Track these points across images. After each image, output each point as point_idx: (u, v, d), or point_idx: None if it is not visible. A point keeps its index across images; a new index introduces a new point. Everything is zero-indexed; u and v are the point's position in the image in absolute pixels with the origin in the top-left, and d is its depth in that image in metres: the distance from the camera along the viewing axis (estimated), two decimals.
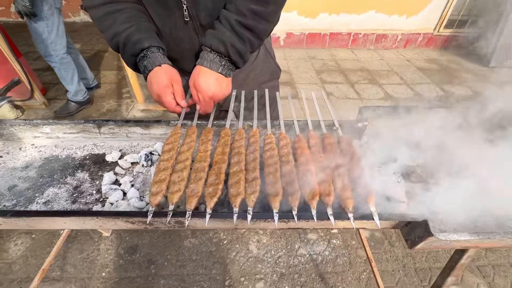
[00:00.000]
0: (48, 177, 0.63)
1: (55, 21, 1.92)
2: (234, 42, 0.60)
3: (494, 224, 0.49)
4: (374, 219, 0.45)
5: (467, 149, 0.62)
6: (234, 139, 0.61)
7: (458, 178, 0.58)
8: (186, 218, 0.45)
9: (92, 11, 0.63)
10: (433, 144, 0.63)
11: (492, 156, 0.60)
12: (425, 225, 0.45)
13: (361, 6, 3.40)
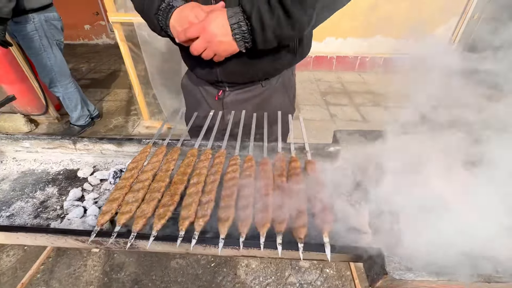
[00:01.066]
0: (19, 191, 0.64)
1: (56, 53, 1.96)
2: (262, 8, 0.56)
3: (468, 263, 0.45)
4: (325, 251, 0.42)
5: (443, 179, 0.58)
6: (200, 159, 0.61)
7: (432, 211, 0.54)
8: (129, 239, 0.44)
9: None
10: (406, 171, 0.60)
11: (470, 189, 0.56)
12: (381, 261, 0.41)
13: (368, 30, 3.44)
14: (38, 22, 1.77)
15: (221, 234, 0.45)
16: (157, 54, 2.03)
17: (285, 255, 0.44)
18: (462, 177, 0.55)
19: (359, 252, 0.43)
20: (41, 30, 1.80)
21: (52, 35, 1.88)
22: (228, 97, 0.84)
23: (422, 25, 2.66)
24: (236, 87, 0.82)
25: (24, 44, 1.85)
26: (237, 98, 0.84)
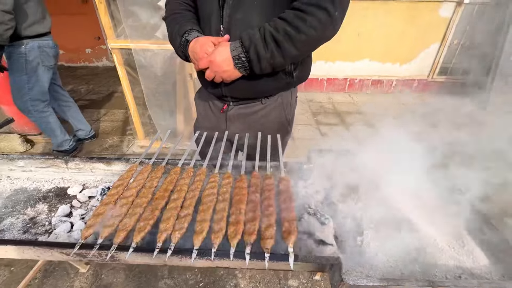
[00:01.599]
0: (11, 208, 0.68)
1: (40, 78, 1.89)
2: (258, 44, 0.69)
3: (419, 271, 0.49)
4: (289, 260, 0.46)
5: (404, 195, 0.63)
6: (182, 177, 0.66)
7: (391, 225, 0.58)
8: (110, 251, 0.48)
9: (167, 17, 0.88)
10: (373, 189, 0.65)
11: (424, 203, 0.61)
12: (339, 269, 0.45)
13: (355, 54, 3.64)
14: (30, 48, 1.78)
15: (195, 245, 0.49)
16: (153, 77, 2.13)
17: (253, 265, 0.48)
18: (419, 198, 0.60)
19: (321, 262, 0.47)
20: (29, 55, 1.79)
21: (41, 60, 1.86)
22: (231, 111, 0.94)
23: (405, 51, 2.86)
24: (238, 102, 0.92)
25: (9, 64, 1.83)
26: (239, 112, 0.94)
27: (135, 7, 1.82)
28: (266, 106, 0.92)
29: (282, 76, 0.85)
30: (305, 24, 0.66)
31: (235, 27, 0.77)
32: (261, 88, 0.87)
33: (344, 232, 0.56)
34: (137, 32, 1.91)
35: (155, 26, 1.87)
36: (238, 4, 0.75)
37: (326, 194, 0.63)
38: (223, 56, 0.72)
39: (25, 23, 1.72)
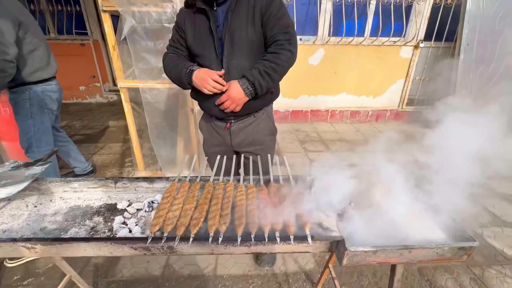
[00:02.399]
0: (72, 221, 0.82)
1: (44, 120, 1.94)
2: (259, 78, 1.07)
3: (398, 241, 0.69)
4: (308, 239, 0.65)
5: (387, 196, 0.85)
6: (215, 189, 0.84)
7: (378, 216, 0.79)
8: (175, 241, 0.64)
9: (165, 71, 1.24)
10: (363, 192, 0.86)
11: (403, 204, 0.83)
12: (343, 242, 0.64)
13: (334, 89, 4.10)
14: (34, 93, 1.81)
15: (238, 234, 0.66)
16: (157, 112, 2.35)
17: (282, 248, 0.66)
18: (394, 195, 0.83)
19: (330, 239, 0.66)
20: (34, 100, 1.82)
21: (45, 103, 1.90)
22: (233, 127, 1.27)
23: (377, 86, 3.36)
24: (238, 119, 1.26)
25: (13, 109, 1.85)
26: (239, 126, 1.27)
27: (145, 54, 2.09)
28: (257, 118, 1.28)
29: (265, 95, 1.21)
30: (281, 61, 1.07)
31: (233, 69, 1.13)
32: (254, 106, 1.22)
33: (345, 226, 0.75)
34: (145, 74, 2.16)
35: (162, 68, 2.13)
36: (232, 55, 1.11)
37: (327, 198, 0.84)
38: (237, 90, 1.09)
39: (30, 71, 1.75)
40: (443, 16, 3.69)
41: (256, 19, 1.08)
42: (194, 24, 1.14)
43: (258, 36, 1.11)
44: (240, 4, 1.08)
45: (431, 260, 0.66)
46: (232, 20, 1.08)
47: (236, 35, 1.08)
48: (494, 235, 1.94)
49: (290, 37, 1.09)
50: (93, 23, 4.77)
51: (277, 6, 1.08)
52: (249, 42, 1.10)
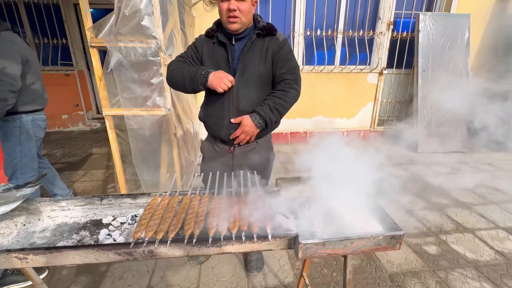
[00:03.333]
0: (59, 236, 0.90)
1: (31, 147, 1.99)
2: (269, 113, 1.27)
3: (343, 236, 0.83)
4: (268, 237, 0.77)
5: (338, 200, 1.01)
6: (192, 200, 0.96)
7: (330, 218, 0.94)
8: (155, 244, 0.75)
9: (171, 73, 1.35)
10: (316, 198, 1.01)
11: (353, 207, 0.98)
12: (297, 237, 0.77)
13: (310, 112, 4.40)
14: (24, 121, 1.89)
15: (210, 235, 0.78)
16: (141, 138, 2.45)
17: (247, 247, 0.78)
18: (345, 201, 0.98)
19: (288, 236, 0.79)
20: (23, 128, 1.89)
21: (33, 131, 1.97)
22: (237, 151, 1.42)
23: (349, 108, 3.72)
24: (242, 144, 1.39)
25: (2, 137, 1.89)
26: (241, 151, 1.42)
27: (130, 84, 2.25)
28: (259, 144, 1.44)
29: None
30: (289, 98, 1.28)
31: (242, 98, 1.31)
32: (258, 134, 1.37)
33: (301, 225, 0.89)
34: (130, 102, 2.30)
35: (146, 97, 2.29)
36: (242, 86, 1.29)
37: (291, 204, 0.98)
38: (250, 125, 1.29)
39: (25, 102, 1.86)
40: (401, 47, 4.19)
41: (268, 59, 1.29)
42: (213, 53, 1.32)
43: (267, 73, 1.31)
44: (255, 45, 1.28)
45: (371, 249, 0.80)
46: (247, 57, 1.27)
47: (249, 69, 1.27)
48: (456, 241, 2.11)
49: (297, 78, 1.32)
50: (78, 55, 4.94)
51: (287, 50, 1.30)
52: (259, 76, 1.29)
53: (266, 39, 1.29)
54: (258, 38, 1.29)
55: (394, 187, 2.58)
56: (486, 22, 4.17)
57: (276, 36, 1.31)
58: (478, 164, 3.62)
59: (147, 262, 1.88)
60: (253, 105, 1.31)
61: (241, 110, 1.32)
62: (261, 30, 1.27)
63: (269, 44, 1.29)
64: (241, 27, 1.24)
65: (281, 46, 1.30)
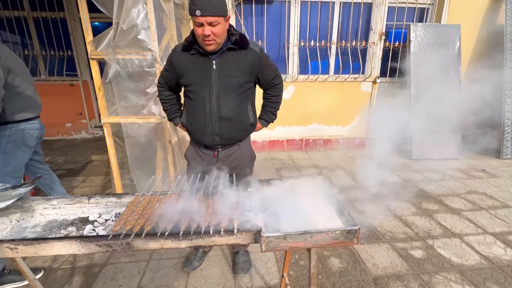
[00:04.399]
0: (49, 230, 0.98)
1: (17, 156, 1.91)
2: (272, 117, 1.66)
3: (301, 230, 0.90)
4: (234, 231, 0.85)
5: (302, 201, 1.08)
6: (169, 200, 1.04)
7: (296, 214, 1.01)
8: (131, 237, 0.83)
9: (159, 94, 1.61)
10: (286, 197, 1.09)
11: (319, 206, 1.06)
12: (260, 231, 0.85)
13: (306, 120, 4.49)
14: (14, 131, 1.83)
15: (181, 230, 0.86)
16: (137, 145, 2.56)
17: (220, 241, 0.86)
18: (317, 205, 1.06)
19: (253, 230, 0.87)
20: (12, 137, 1.82)
21: (22, 140, 1.89)
22: (221, 155, 1.54)
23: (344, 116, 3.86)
24: (225, 147, 1.53)
25: None
26: (225, 154, 1.54)
27: (127, 93, 2.38)
28: (240, 146, 1.56)
29: (248, 128, 1.55)
30: (280, 99, 1.63)
31: (222, 106, 1.40)
32: (239, 137, 1.53)
33: (269, 221, 0.97)
34: (127, 110, 2.42)
35: (143, 106, 2.41)
36: (222, 95, 1.39)
37: (261, 203, 1.05)
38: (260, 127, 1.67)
39: (14, 111, 1.82)
40: (393, 56, 4.29)
41: (247, 70, 1.39)
42: (193, 65, 1.36)
43: (247, 82, 1.43)
44: (231, 57, 1.35)
45: (329, 244, 0.87)
46: (224, 68, 1.35)
47: (227, 80, 1.36)
48: (443, 245, 2.14)
49: (280, 78, 1.58)
50: (83, 66, 5.14)
51: (266, 58, 1.46)
52: (238, 86, 1.40)
53: (242, 52, 1.37)
54: (233, 51, 1.35)
55: (384, 193, 2.69)
56: (477, 31, 4.28)
57: (252, 48, 1.38)
58: (471, 171, 3.65)
59: (139, 264, 1.94)
60: (233, 112, 1.42)
61: (222, 117, 1.41)
62: (234, 44, 1.33)
63: (247, 56, 1.38)
64: (217, 47, 1.30)
65: (260, 57, 1.42)
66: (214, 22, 1.19)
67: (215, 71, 1.35)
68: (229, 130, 1.46)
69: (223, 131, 1.45)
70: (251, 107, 1.52)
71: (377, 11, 4.09)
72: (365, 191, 3.05)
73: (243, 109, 1.47)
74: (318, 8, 4.04)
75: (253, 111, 1.55)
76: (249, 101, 1.50)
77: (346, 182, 3.40)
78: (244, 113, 1.48)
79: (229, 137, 1.49)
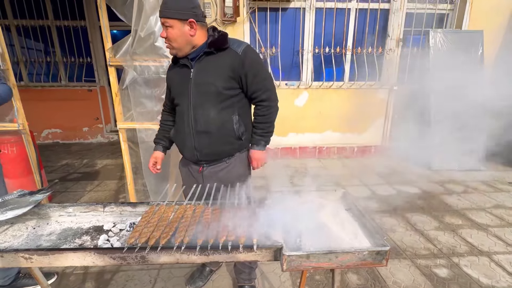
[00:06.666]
0: (64, 239, 0.97)
1: None
2: (265, 139, 1.37)
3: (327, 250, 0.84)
4: (254, 248, 0.80)
5: (324, 216, 1.02)
6: (186, 210, 1.01)
7: (318, 230, 0.95)
8: (146, 251, 0.80)
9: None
10: (304, 213, 1.03)
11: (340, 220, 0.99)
12: (281, 249, 0.79)
13: (320, 127, 4.41)
14: None
15: (198, 244, 0.82)
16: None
17: (233, 258, 0.81)
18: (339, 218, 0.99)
19: (273, 248, 0.81)
20: None
21: None
22: (206, 171, 1.37)
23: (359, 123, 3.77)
24: (210, 164, 1.36)
25: None
26: (211, 171, 1.36)
27: (143, 99, 2.40)
28: (229, 164, 1.36)
29: (234, 141, 1.32)
30: (272, 118, 1.35)
31: (199, 118, 1.26)
32: (223, 153, 1.33)
33: (289, 237, 0.91)
34: (142, 116, 2.44)
35: (158, 112, 2.42)
36: (199, 105, 1.25)
37: (281, 217, 1.00)
38: (257, 155, 1.39)
39: None
40: (411, 63, 4.17)
41: (227, 75, 1.20)
42: (176, 76, 1.31)
43: (228, 89, 1.22)
44: (208, 62, 1.21)
45: (356, 265, 0.80)
46: (200, 75, 1.22)
47: (203, 88, 1.22)
48: (470, 264, 2.00)
49: (271, 94, 1.30)
50: (101, 72, 5.30)
51: (250, 63, 1.21)
52: (216, 94, 1.22)
53: (222, 54, 1.21)
54: (212, 55, 1.22)
55: (404, 205, 2.56)
56: (501, 37, 4.10)
57: (233, 49, 1.21)
58: (496, 183, 3.44)
59: (150, 272, 1.91)
60: (210, 125, 1.25)
61: (199, 131, 1.27)
62: (210, 47, 1.20)
63: (226, 59, 1.20)
64: (177, 52, 1.22)
65: (243, 59, 1.20)
66: (166, 23, 1.14)
67: (191, 80, 1.24)
68: (208, 145, 1.28)
69: (202, 146, 1.28)
70: (238, 118, 1.28)
71: (395, 17, 4.01)
72: (383, 203, 2.92)
73: (226, 120, 1.26)
74: (334, 15, 4.00)
75: (243, 123, 1.31)
76: (235, 111, 1.27)
77: (362, 192, 3.28)
78: (227, 125, 1.26)
79: (209, 152, 1.30)
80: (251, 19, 3.87)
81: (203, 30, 1.23)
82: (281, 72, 4.14)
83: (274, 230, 0.92)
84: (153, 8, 2.05)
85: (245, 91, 1.29)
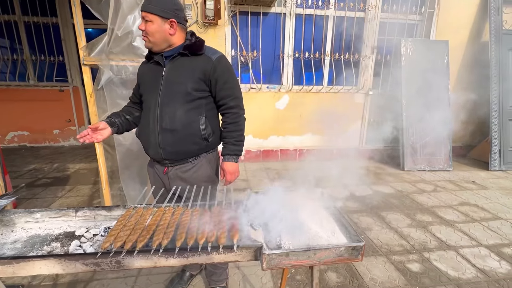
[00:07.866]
0: (30, 247, 0.91)
1: None
2: (236, 148, 1.35)
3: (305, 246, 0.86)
4: (234, 248, 0.80)
5: (304, 214, 1.04)
6: (164, 213, 0.98)
7: (297, 231, 0.97)
8: (122, 255, 0.77)
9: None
10: (286, 210, 1.05)
11: (318, 219, 1.02)
12: (261, 248, 0.80)
13: (300, 130, 4.49)
14: None
15: (177, 246, 0.80)
16: (128, 153, 2.48)
17: (215, 258, 0.80)
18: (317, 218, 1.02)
19: (253, 247, 0.82)
20: None
21: None
22: (171, 172, 1.35)
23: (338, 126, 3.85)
24: (174, 164, 1.33)
25: None
26: (176, 172, 1.34)
27: (119, 100, 2.31)
28: (195, 165, 1.34)
29: (200, 142, 1.31)
30: (241, 125, 1.35)
31: (165, 115, 1.25)
32: (188, 152, 1.31)
33: (269, 236, 0.92)
34: None
35: None
36: (166, 103, 1.25)
37: (259, 216, 1.01)
38: (230, 167, 1.37)
39: None
40: (385, 69, 4.40)
41: (198, 78, 1.23)
42: (147, 73, 1.32)
43: (197, 91, 1.25)
44: (181, 63, 1.24)
45: (334, 261, 0.83)
46: (171, 74, 1.24)
47: (173, 87, 1.24)
48: (439, 258, 2.12)
49: (239, 102, 1.33)
50: (74, 71, 5.04)
51: (222, 70, 1.25)
52: (185, 94, 1.23)
53: (197, 58, 1.25)
54: (186, 57, 1.25)
55: (379, 205, 2.67)
56: (463, 48, 4.44)
57: (207, 55, 1.25)
58: (462, 182, 3.70)
59: (127, 280, 1.83)
60: (175, 122, 1.25)
61: (164, 128, 1.26)
62: (185, 50, 1.24)
63: (199, 63, 1.24)
64: (152, 46, 1.23)
65: (214, 66, 1.24)
66: (146, 17, 1.16)
67: (163, 78, 1.26)
68: (172, 143, 1.27)
69: (166, 144, 1.27)
70: (205, 119, 1.29)
71: (369, 25, 4.21)
72: (360, 202, 3.03)
73: (192, 120, 1.26)
74: (313, 21, 4.13)
75: (210, 125, 1.32)
76: (203, 113, 1.28)
77: (340, 193, 3.38)
78: (193, 124, 1.27)
79: (173, 151, 1.28)
80: (232, 22, 3.88)
81: (182, 32, 1.27)
82: (262, 75, 4.18)
83: (253, 230, 0.92)
84: (131, 8, 2.00)
85: (213, 96, 1.32)
